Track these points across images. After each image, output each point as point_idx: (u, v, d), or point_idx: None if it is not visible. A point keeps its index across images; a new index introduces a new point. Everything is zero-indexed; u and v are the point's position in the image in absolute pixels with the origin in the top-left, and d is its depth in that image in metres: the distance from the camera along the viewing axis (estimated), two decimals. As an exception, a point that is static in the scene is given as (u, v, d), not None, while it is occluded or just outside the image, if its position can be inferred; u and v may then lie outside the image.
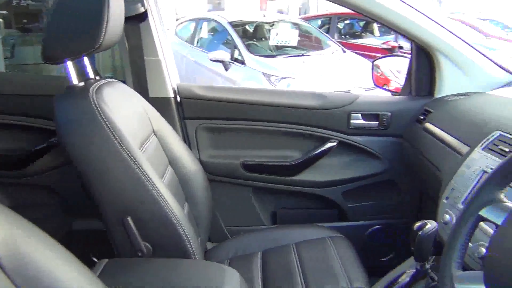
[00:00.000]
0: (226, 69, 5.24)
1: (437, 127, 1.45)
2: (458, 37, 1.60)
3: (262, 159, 1.76)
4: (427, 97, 1.69)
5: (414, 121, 1.63)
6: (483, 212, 0.77)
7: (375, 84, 2.02)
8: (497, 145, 1.09)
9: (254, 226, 1.80)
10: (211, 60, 5.26)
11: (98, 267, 1.03)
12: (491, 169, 1.05)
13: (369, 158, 1.75)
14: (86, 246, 1.58)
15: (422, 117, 1.59)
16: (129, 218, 1.10)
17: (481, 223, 0.82)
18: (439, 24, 1.58)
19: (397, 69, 2.03)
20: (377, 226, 1.79)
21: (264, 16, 6.47)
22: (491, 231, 0.90)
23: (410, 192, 1.76)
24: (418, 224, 1.00)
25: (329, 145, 1.74)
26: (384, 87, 2.02)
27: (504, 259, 0.68)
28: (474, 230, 0.78)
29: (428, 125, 1.51)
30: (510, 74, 1.63)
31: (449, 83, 1.63)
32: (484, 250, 0.90)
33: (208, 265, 1.17)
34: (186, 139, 1.75)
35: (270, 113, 1.73)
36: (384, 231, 1.79)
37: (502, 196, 0.77)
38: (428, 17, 1.57)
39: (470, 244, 0.80)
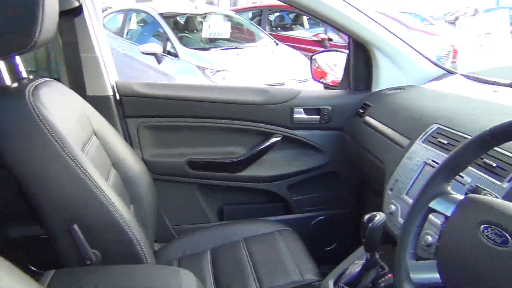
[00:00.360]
0: (159, 62, 5.13)
1: (377, 121, 1.51)
2: (392, 33, 1.67)
3: (207, 156, 1.74)
4: (364, 91, 1.75)
5: (354, 115, 1.69)
6: (432, 204, 0.81)
7: (313, 77, 2.07)
8: (436, 138, 1.16)
9: (201, 223, 1.78)
10: (142, 53, 5.11)
11: (45, 279, 0.97)
12: (432, 160, 1.11)
13: (312, 152, 1.79)
14: (24, 255, 1.48)
15: (361, 111, 1.65)
16: (75, 226, 1.04)
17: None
18: (374, 20, 1.64)
19: (333, 63, 2.09)
20: (321, 217, 1.84)
21: (196, 8, 6.38)
22: (436, 220, 0.95)
23: (351, 183, 1.82)
24: (367, 216, 1.04)
25: (273, 140, 1.75)
26: (321, 80, 2.07)
27: (455, 249, 0.72)
28: (425, 221, 0.83)
29: (368, 119, 1.57)
30: (439, 68, 1.73)
31: (385, 77, 1.70)
32: (430, 238, 0.96)
33: (163, 268, 1.14)
34: (127, 138, 1.69)
35: (214, 110, 1.71)
36: (328, 222, 1.85)
37: (449, 188, 0.81)
38: (364, 13, 1.63)
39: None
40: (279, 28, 8.36)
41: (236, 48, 5.49)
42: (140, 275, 1.03)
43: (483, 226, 0.68)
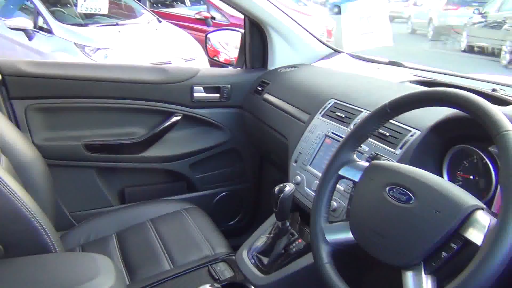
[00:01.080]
0: (30, 39, 4.68)
1: (276, 98, 1.58)
2: (285, 13, 1.76)
3: (106, 138, 1.67)
4: (261, 69, 1.82)
5: (252, 92, 1.75)
6: (341, 172, 0.90)
7: (207, 55, 2.09)
8: (334, 112, 1.26)
9: (102, 208, 1.71)
10: (10, 28, 4.62)
11: None
12: (332, 133, 1.21)
13: (212, 129, 1.81)
14: None
15: (260, 88, 1.71)
16: None
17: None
18: (268, 1, 1.70)
19: (225, 42, 2.13)
20: (223, 193, 1.89)
21: (68, -20, 5.91)
22: (339, 186, 1.05)
23: (252, 159, 1.89)
24: (277, 188, 1.11)
25: (173, 119, 1.74)
26: (215, 58, 2.10)
27: (365, 209, 0.81)
28: (335, 187, 0.91)
29: (267, 96, 1.64)
30: (328, 47, 1.86)
31: (279, 56, 1.79)
32: (335, 203, 1.06)
33: (75, 255, 1.09)
34: (14, 122, 1.55)
35: (111, 90, 1.64)
36: (231, 197, 1.90)
37: (355, 156, 0.91)
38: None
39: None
40: (159, 5, 8.12)
41: (117, 24, 5.23)
42: (53, 264, 0.97)
43: (388, 187, 0.77)
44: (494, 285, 0.62)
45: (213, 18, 6.75)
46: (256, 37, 1.78)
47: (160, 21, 5.74)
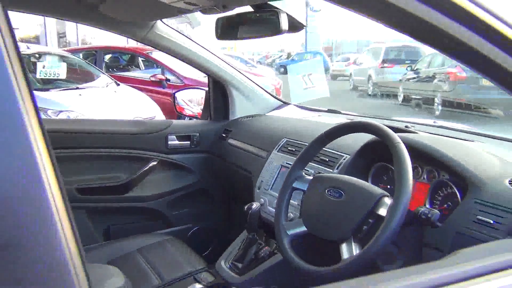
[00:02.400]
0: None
1: (239, 141, 1.93)
2: (242, 74, 2.14)
3: (94, 182, 1.93)
4: (223, 120, 2.17)
5: (218, 139, 2.08)
6: (294, 185, 1.23)
7: (176, 111, 2.42)
8: (286, 147, 1.61)
9: (91, 245, 1.93)
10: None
11: None
12: (286, 163, 1.56)
13: (185, 172, 2.11)
14: None
15: (224, 135, 2.05)
16: None
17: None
18: (228, 63, 2.08)
19: (188, 99, 2.48)
20: (196, 228, 2.16)
21: (28, 48, 6.17)
22: (293, 202, 1.37)
23: (219, 199, 2.19)
24: (247, 206, 1.42)
25: (152, 164, 2.04)
26: (181, 114, 2.44)
27: (312, 207, 1.15)
28: (290, 197, 1.24)
29: (231, 141, 1.98)
30: (277, 100, 2.25)
31: (239, 108, 2.15)
32: (291, 215, 1.38)
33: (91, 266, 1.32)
34: None
35: (98, 140, 1.93)
36: (202, 231, 2.17)
37: (303, 173, 1.25)
38: (220, 58, 2.06)
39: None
40: (115, 69, 8.46)
41: (77, 88, 5.49)
42: None
43: (326, 189, 1.11)
44: (395, 239, 0.96)
45: (167, 80, 7.15)
46: (219, 93, 2.14)
47: (118, 84, 6.05)
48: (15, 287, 0.46)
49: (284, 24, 1.23)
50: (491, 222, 0.96)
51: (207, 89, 2.22)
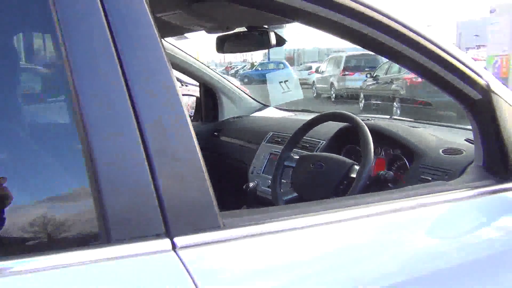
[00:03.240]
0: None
1: (231, 138, 2.28)
2: (229, 81, 2.51)
3: None
4: (213, 121, 2.52)
5: (210, 137, 2.43)
6: (286, 163, 1.60)
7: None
8: (273, 139, 1.99)
9: None
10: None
11: None
12: (274, 151, 1.92)
13: None
14: None
15: (216, 133, 2.40)
16: None
17: None
18: (216, 72, 2.45)
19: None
20: None
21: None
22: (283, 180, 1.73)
23: (217, 187, 2.52)
24: (245, 185, 1.78)
25: None
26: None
27: (300, 178, 1.52)
28: (283, 173, 1.61)
29: (224, 138, 2.33)
30: (259, 103, 2.62)
31: (226, 111, 2.51)
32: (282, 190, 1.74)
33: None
34: None
35: None
36: None
37: (292, 154, 1.61)
38: (210, 68, 2.42)
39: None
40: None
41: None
42: None
43: (311, 164, 1.48)
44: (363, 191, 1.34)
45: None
46: (209, 98, 2.50)
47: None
48: None
49: (272, 40, 1.60)
50: (430, 179, 1.35)
51: (197, 95, 2.57)
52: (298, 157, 1.58)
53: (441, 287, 0.89)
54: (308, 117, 2.27)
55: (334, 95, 14.05)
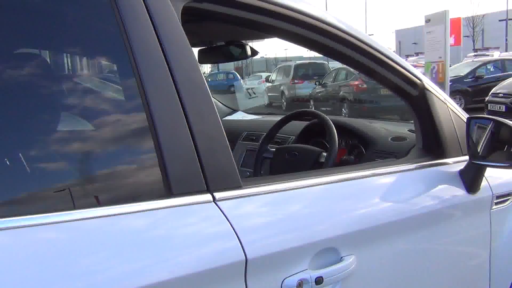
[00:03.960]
0: None
1: None
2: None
3: None
4: None
5: None
6: (264, 155, 1.89)
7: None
8: (248, 137, 2.28)
9: None
10: None
11: None
12: (250, 147, 2.22)
13: None
14: None
15: None
16: None
17: None
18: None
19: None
20: None
21: None
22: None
23: None
24: None
25: None
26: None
27: (277, 167, 1.82)
28: (262, 164, 1.90)
29: None
30: (229, 108, 2.91)
31: None
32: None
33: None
34: None
35: None
36: None
37: (268, 147, 1.91)
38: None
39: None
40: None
41: None
42: None
43: (286, 153, 1.79)
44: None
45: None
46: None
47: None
48: None
49: (248, 52, 1.90)
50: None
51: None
52: (274, 149, 1.89)
53: (391, 234, 1.20)
54: (274, 118, 2.60)
55: (285, 103, 14.55)
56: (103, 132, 0.95)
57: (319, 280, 0.99)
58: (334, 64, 20.92)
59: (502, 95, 8.88)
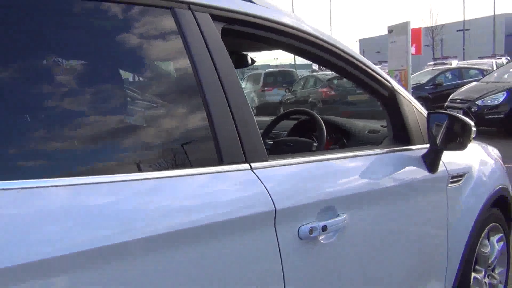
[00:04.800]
0: None
1: None
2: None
3: None
4: None
5: None
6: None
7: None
8: None
9: None
10: None
11: None
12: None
13: None
14: None
15: None
16: None
17: None
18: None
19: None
20: None
21: None
22: None
23: None
24: None
25: None
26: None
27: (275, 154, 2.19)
28: None
29: None
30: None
31: None
32: None
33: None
34: None
35: None
36: None
37: (267, 140, 2.27)
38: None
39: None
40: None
41: None
42: None
43: (283, 145, 2.16)
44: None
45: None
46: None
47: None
48: None
49: (248, 61, 2.27)
50: (362, 149, 2.09)
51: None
52: (271, 142, 2.25)
53: (370, 200, 1.58)
54: (263, 119, 2.97)
55: (255, 110, 14.87)
56: (181, 121, 1.30)
57: (324, 228, 1.36)
58: (302, 72, 21.44)
59: (459, 101, 9.54)
